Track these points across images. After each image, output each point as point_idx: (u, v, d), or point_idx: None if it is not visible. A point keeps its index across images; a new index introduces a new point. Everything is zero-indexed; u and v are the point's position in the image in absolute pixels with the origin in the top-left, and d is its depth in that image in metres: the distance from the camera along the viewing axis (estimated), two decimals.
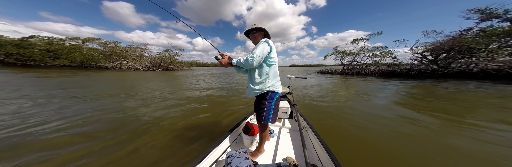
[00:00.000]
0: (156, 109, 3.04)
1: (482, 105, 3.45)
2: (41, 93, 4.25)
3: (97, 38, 23.58)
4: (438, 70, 11.61)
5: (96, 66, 20.49)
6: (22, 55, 19.03)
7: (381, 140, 1.90)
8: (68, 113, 2.68)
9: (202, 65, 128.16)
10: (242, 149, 1.11)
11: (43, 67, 17.98)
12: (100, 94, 4.39)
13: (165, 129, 2.14)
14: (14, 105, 3.10)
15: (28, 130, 2.03)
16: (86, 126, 2.18)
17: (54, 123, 2.23)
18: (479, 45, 10.14)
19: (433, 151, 1.64)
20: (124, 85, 6.27)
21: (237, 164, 0.94)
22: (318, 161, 1.15)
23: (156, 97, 4.14)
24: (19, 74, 9.33)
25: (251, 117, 1.95)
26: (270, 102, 1.10)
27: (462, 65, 11.08)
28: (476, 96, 4.48)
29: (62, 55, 21.04)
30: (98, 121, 2.38)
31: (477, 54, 10.64)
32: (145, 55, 23.94)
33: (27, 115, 2.57)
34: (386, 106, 3.49)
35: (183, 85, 6.79)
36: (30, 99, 3.60)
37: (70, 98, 3.78)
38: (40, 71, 11.76)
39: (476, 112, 3.02)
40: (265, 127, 1.18)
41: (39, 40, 22.75)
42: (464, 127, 2.26)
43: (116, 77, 9.92)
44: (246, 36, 1.23)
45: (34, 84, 6.00)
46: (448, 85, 6.82)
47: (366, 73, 15.54)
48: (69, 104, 3.27)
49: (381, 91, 5.68)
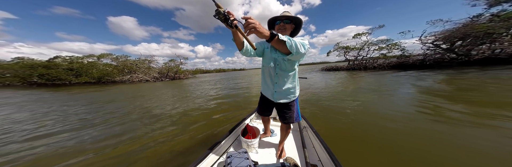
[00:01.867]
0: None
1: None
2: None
3: (110, 54, 25.48)
4: (457, 59, 10.71)
5: (112, 81, 22.18)
6: (51, 76, 21.31)
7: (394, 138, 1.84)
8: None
9: (205, 72, 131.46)
10: (242, 149, 1.12)
11: (69, 85, 19.92)
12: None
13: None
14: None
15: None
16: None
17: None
18: (498, 30, 9.21)
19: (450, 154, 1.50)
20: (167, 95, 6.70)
21: (237, 164, 0.93)
22: (318, 161, 1.13)
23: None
24: (77, 94, 8.83)
25: (251, 117, 1.94)
26: (297, 102, 1.14)
27: (486, 52, 10.10)
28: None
29: (82, 72, 23.12)
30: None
31: (499, 39, 9.66)
32: (153, 67, 25.32)
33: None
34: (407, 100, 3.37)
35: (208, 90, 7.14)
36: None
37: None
38: (75, 89, 12.93)
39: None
40: (290, 125, 1.24)
41: (62, 60, 25.27)
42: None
43: (144, 88, 10.65)
44: (270, 24, 0.97)
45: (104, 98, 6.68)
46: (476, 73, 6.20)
47: (374, 67, 14.84)
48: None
49: (400, 84, 5.41)
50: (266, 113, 1.33)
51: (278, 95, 1.06)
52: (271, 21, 0.96)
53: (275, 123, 1.88)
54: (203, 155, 1.05)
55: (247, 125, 1.41)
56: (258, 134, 1.37)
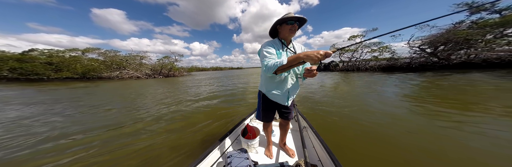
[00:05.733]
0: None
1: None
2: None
3: (97, 48, 23.74)
4: (439, 62, 11.77)
5: (98, 76, 20.62)
6: (25, 70, 19.18)
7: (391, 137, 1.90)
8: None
9: (201, 70, 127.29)
10: (242, 149, 1.11)
11: (46, 81, 18.12)
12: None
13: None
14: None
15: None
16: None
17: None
18: (475, 36, 10.33)
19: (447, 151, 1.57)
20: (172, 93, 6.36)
21: (237, 164, 0.93)
22: (318, 161, 1.14)
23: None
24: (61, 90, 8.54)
25: (251, 117, 1.94)
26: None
27: (463, 56, 11.25)
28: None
29: (63, 67, 21.19)
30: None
31: (475, 45, 10.82)
32: (145, 63, 24.10)
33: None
34: (394, 101, 3.55)
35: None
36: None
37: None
38: (50, 85, 11.85)
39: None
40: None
41: (39, 54, 22.93)
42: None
43: (137, 85, 10.01)
44: (278, 23, 0.94)
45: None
46: (451, 76, 6.93)
47: (366, 69, 15.69)
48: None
49: (390, 85, 5.76)
50: (272, 118, 1.25)
51: (290, 97, 1.07)
52: (281, 20, 0.92)
53: (274, 122, 1.85)
54: (203, 155, 1.04)
55: (247, 125, 1.39)
56: (258, 134, 1.36)
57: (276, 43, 0.99)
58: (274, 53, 0.92)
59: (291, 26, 0.91)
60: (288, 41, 1.02)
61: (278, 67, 0.81)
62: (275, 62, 0.82)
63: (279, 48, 0.98)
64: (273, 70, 0.83)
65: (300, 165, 1.00)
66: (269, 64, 0.84)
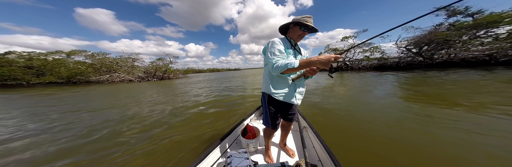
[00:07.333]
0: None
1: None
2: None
3: (83, 51, 22.37)
4: (424, 62, 12.79)
5: (86, 80, 19.36)
6: (1, 75, 17.48)
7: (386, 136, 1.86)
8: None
9: (198, 72, 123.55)
10: (242, 149, 1.10)
11: (26, 87, 16.62)
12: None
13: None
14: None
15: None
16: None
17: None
18: (453, 38, 11.46)
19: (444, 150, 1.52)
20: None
21: (237, 164, 0.93)
22: (318, 161, 1.14)
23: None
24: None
25: (251, 117, 1.95)
26: None
27: (444, 56, 12.35)
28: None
29: (46, 71, 19.61)
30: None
31: (454, 45, 11.96)
32: (138, 66, 23.15)
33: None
34: (387, 100, 3.56)
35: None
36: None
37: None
38: (28, 91, 10.85)
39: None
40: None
41: (18, 56, 21.04)
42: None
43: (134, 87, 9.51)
44: (288, 25, 0.98)
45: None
46: (433, 74, 7.54)
47: (359, 68, 16.52)
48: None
49: (380, 84, 5.94)
50: (279, 123, 1.17)
51: (299, 95, 1.06)
52: (297, 22, 0.92)
53: None
54: (203, 155, 1.05)
55: (247, 125, 1.38)
56: (258, 134, 1.35)
57: (286, 42, 0.99)
58: (284, 52, 0.90)
59: (301, 33, 0.94)
60: (295, 41, 1.02)
61: (288, 69, 0.79)
62: (286, 62, 0.79)
63: (288, 47, 0.97)
64: (282, 71, 0.81)
65: (300, 165, 0.98)
66: (278, 64, 0.81)
